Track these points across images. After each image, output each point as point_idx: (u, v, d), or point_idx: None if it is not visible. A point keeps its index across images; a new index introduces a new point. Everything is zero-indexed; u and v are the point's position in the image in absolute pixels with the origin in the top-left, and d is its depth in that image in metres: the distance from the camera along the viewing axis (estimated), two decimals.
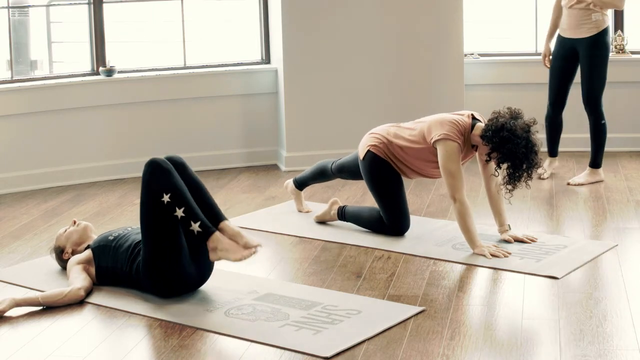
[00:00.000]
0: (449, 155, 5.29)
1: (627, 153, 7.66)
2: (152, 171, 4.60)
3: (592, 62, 6.65)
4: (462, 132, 5.33)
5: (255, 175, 7.35)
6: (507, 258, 5.16)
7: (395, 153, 5.55)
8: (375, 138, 5.62)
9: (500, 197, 5.48)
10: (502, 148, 5.16)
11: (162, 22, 7.87)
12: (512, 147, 5.13)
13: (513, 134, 5.13)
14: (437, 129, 5.35)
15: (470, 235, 5.25)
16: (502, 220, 5.49)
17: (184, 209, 4.54)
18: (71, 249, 5.00)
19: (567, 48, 6.75)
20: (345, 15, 7.41)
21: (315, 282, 4.92)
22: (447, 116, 5.42)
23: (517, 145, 5.12)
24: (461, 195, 5.24)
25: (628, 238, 5.54)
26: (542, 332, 4.20)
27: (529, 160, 5.17)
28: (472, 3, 7.84)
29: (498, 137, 5.16)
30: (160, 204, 4.53)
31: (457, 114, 5.45)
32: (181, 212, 4.54)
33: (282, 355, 4.03)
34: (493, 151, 5.21)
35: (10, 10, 7.10)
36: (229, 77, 7.57)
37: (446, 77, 7.58)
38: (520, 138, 5.13)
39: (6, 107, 6.94)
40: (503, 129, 5.15)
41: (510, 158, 5.16)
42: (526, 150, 5.14)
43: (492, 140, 5.18)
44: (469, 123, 5.35)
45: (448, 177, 5.28)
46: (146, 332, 4.33)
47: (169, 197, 4.53)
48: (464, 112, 5.45)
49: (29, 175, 7.07)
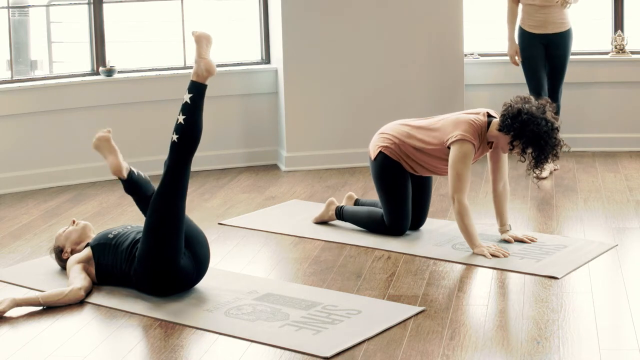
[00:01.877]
0: (461, 157, 5.24)
1: (627, 153, 7.66)
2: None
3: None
4: (479, 131, 5.28)
5: (255, 175, 7.35)
6: (507, 258, 5.16)
7: (409, 153, 5.51)
8: (386, 138, 5.58)
9: (505, 198, 5.46)
10: (525, 132, 5.11)
11: (162, 22, 7.87)
12: (534, 127, 5.09)
13: (532, 116, 5.10)
14: (454, 129, 5.30)
15: (469, 235, 5.25)
16: (503, 220, 5.48)
17: (180, 115, 4.66)
18: (70, 249, 5.01)
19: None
20: (345, 16, 7.41)
21: (315, 282, 4.92)
22: (463, 116, 5.38)
23: (539, 125, 5.09)
24: (461, 196, 5.23)
25: (628, 238, 5.54)
26: (542, 332, 4.20)
27: (552, 138, 5.13)
28: (472, 3, 7.84)
29: (518, 122, 5.12)
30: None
31: (472, 112, 5.40)
32: (181, 117, 4.64)
33: (282, 355, 4.03)
34: (515, 139, 5.16)
35: (10, 10, 7.10)
36: (229, 77, 7.57)
37: (446, 77, 7.58)
38: (540, 118, 5.11)
39: (6, 107, 6.94)
40: (520, 113, 5.12)
41: (534, 140, 5.12)
42: (548, 129, 5.11)
43: (513, 126, 5.13)
44: (485, 121, 5.30)
45: (454, 178, 5.24)
46: (146, 332, 4.33)
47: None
48: (479, 111, 5.40)
49: (29, 175, 7.07)
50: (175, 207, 4.63)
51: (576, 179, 6.90)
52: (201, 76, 4.68)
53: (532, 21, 7.04)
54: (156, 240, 4.61)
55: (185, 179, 4.67)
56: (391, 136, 5.57)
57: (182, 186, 4.66)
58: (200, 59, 4.70)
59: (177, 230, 4.63)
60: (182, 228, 4.65)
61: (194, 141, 4.65)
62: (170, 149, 4.66)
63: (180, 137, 4.63)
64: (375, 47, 7.45)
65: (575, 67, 7.43)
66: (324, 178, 7.11)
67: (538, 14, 7.00)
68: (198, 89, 4.67)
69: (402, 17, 7.45)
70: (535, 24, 7.04)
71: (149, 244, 4.63)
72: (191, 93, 4.66)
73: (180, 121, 4.64)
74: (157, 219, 4.63)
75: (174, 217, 4.63)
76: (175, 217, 4.63)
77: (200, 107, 4.67)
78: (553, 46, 7.05)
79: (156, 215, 4.63)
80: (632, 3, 7.81)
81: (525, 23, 7.08)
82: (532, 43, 7.08)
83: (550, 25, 7.02)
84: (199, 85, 4.67)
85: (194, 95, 4.65)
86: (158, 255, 4.62)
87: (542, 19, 7.00)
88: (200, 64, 4.68)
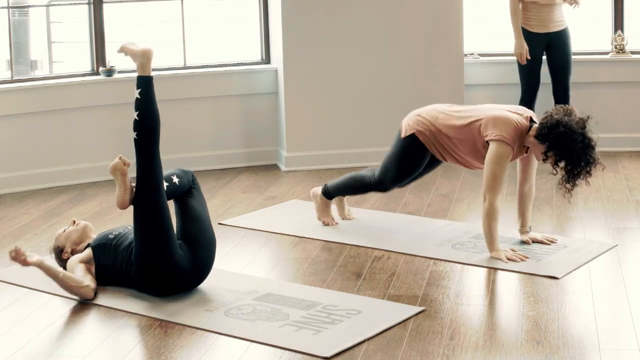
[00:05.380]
0: (499, 158, 5.15)
1: (627, 153, 7.66)
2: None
3: None
4: (519, 134, 5.18)
5: (255, 175, 7.35)
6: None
7: (443, 142, 5.40)
8: (422, 123, 5.44)
9: (530, 199, 5.42)
10: (559, 144, 5.03)
11: (162, 22, 7.87)
12: (570, 142, 5.01)
13: (570, 129, 5.02)
14: (496, 127, 5.17)
15: (491, 238, 5.18)
16: (525, 221, 5.45)
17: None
18: (70, 249, 5.00)
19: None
20: (345, 15, 7.41)
21: (315, 282, 4.92)
22: (506, 114, 5.21)
23: (574, 140, 5.01)
24: (493, 197, 5.13)
25: (628, 238, 5.54)
26: (542, 332, 4.20)
27: (587, 155, 5.05)
28: (472, 3, 7.83)
29: (554, 134, 5.03)
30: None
31: (515, 112, 5.26)
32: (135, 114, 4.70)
33: (282, 355, 4.03)
34: (549, 150, 5.07)
35: (10, 10, 7.10)
36: (229, 77, 7.57)
37: (446, 77, 7.57)
38: (577, 133, 5.03)
39: (6, 107, 6.94)
40: (559, 125, 5.03)
41: (567, 155, 5.04)
42: (583, 146, 5.03)
43: (549, 137, 5.05)
44: (527, 125, 5.20)
45: (490, 178, 5.15)
46: (146, 332, 4.33)
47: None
48: (522, 112, 5.27)
49: (29, 175, 7.07)
50: (154, 203, 4.66)
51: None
52: (144, 67, 4.74)
53: (534, 20, 7.06)
54: (145, 239, 4.64)
55: (158, 173, 4.70)
56: (427, 122, 5.43)
57: (156, 181, 4.69)
58: (135, 57, 4.77)
59: (163, 225, 4.64)
60: (168, 221, 4.66)
61: (152, 132, 4.71)
62: (135, 147, 4.72)
63: (139, 132, 4.70)
64: (375, 47, 7.45)
65: (575, 67, 7.42)
66: (324, 178, 7.11)
67: (541, 13, 7.02)
68: (145, 82, 4.73)
69: (402, 17, 7.44)
70: (538, 23, 7.06)
71: (139, 243, 4.67)
72: (139, 88, 4.72)
73: (135, 117, 4.71)
74: (141, 218, 4.67)
75: (157, 212, 4.65)
76: (158, 213, 4.65)
77: (151, 99, 4.73)
78: (556, 45, 7.10)
79: (139, 215, 4.68)
80: (632, 3, 7.81)
81: (527, 22, 7.09)
82: (534, 43, 7.11)
83: (552, 24, 7.06)
84: (144, 77, 4.73)
85: (142, 89, 4.72)
86: (150, 253, 4.63)
87: (545, 17, 7.03)
88: (137, 56, 4.76)
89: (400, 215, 6.11)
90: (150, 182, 4.69)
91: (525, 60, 7.12)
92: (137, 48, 4.80)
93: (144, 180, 4.69)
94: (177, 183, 4.84)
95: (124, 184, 4.74)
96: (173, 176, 4.86)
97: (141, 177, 4.70)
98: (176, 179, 4.86)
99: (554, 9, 7.03)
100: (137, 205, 4.70)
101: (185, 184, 4.89)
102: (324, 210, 5.91)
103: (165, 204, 4.71)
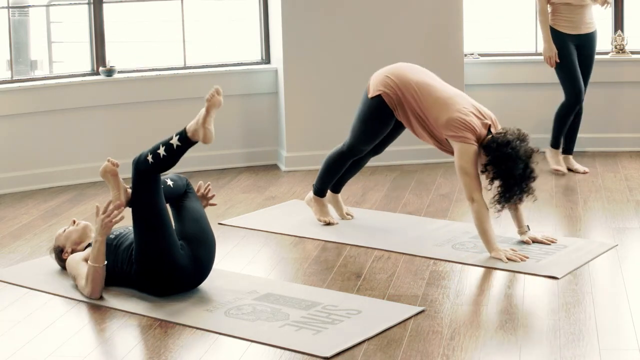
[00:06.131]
0: (467, 156, 5.17)
1: (627, 153, 7.66)
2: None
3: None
4: (478, 139, 5.20)
5: (255, 175, 7.35)
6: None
7: (407, 110, 5.41)
8: (389, 86, 5.47)
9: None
10: (500, 164, 5.09)
11: (162, 22, 7.88)
12: (511, 166, 5.06)
13: (516, 154, 5.06)
14: (459, 129, 5.18)
15: (487, 238, 5.19)
16: (520, 222, 5.43)
17: (163, 148, 4.69)
18: (71, 249, 5.01)
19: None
20: (345, 15, 7.41)
21: (315, 282, 4.92)
22: (470, 120, 5.19)
23: (516, 166, 5.06)
24: (479, 195, 5.15)
25: (628, 238, 5.54)
26: (542, 332, 4.20)
27: (522, 185, 5.10)
28: (472, 3, 7.83)
29: (500, 152, 5.08)
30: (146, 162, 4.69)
31: (480, 116, 5.24)
32: (162, 150, 4.68)
33: (282, 355, 4.03)
34: (490, 164, 5.12)
35: (10, 10, 7.10)
36: (229, 77, 7.57)
37: (446, 77, 7.51)
38: (521, 160, 5.07)
39: (6, 107, 6.94)
40: (508, 145, 5.07)
41: (504, 177, 5.09)
42: (523, 174, 5.08)
43: (494, 153, 5.10)
44: (484, 134, 5.21)
45: (464, 176, 5.18)
46: (146, 332, 4.33)
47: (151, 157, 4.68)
48: (485, 118, 5.25)
49: (29, 175, 7.07)
50: (152, 204, 4.67)
51: (576, 179, 6.90)
52: (196, 137, 4.73)
53: (565, 21, 6.93)
54: (145, 240, 4.64)
55: (156, 178, 4.71)
56: (396, 87, 5.46)
57: (155, 184, 4.70)
58: (203, 127, 4.72)
59: (162, 225, 4.64)
60: (168, 222, 4.67)
61: (162, 171, 4.73)
62: (144, 159, 4.70)
63: (154, 163, 4.69)
64: (375, 47, 7.45)
65: None
66: None
67: (573, 14, 6.90)
68: (187, 143, 4.73)
69: (402, 17, 7.44)
70: (570, 24, 6.93)
71: (139, 244, 4.67)
72: (180, 142, 4.71)
73: (162, 153, 4.68)
74: (140, 220, 4.67)
75: (155, 213, 4.65)
76: (156, 214, 4.65)
77: (182, 155, 4.74)
78: (584, 47, 6.99)
79: (138, 217, 4.68)
80: (632, 3, 7.81)
81: (558, 23, 6.95)
82: (566, 44, 6.96)
83: (583, 25, 6.94)
84: (190, 141, 4.73)
85: (182, 145, 4.72)
86: (150, 254, 4.64)
87: (577, 19, 6.91)
88: (201, 132, 4.71)
89: (400, 215, 6.11)
90: (149, 186, 4.69)
91: (554, 63, 6.97)
92: (212, 99, 4.80)
93: (143, 185, 4.70)
94: (171, 186, 4.86)
95: (116, 184, 4.74)
96: (168, 179, 4.87)
97: (139, 183, 4.71)
98: (170, 181, 4.88)
99: (585, 10, 6.90)
100: (135, 207, 4.70)
101: (180, 187, 4.90)
102: (321, 211, 5.92)
103: (164, 204, 4.71)
